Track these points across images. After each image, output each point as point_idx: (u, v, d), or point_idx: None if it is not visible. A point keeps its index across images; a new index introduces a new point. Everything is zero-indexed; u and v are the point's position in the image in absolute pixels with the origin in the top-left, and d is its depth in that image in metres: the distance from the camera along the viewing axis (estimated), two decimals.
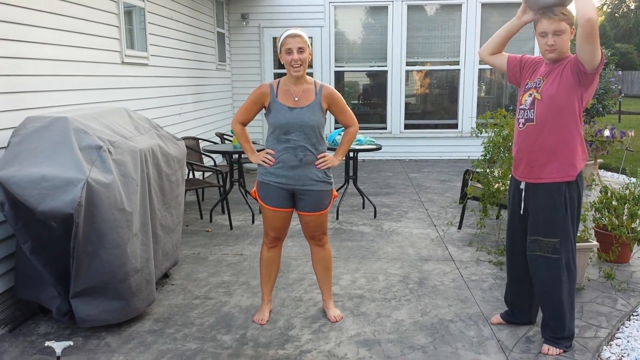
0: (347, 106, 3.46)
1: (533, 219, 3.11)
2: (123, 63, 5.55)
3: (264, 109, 3.42)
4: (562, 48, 2.96)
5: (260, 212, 6.05)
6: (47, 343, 3.05)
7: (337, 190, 3.61)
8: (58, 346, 3.03)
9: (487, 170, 5.16)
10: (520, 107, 3.14)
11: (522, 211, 3.19)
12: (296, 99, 3.31)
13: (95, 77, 4.96)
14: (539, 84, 3.05)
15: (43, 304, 3.47)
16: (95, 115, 3.64)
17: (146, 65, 6.17)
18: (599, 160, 8.01)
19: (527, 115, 3.08)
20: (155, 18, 6.45)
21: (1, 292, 3.53)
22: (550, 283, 3.08)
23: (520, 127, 3.13)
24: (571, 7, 2.97)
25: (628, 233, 4.36)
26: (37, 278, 3.39)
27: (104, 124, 3.60)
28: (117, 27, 5.41)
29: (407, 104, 10.29)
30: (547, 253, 3.06)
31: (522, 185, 3.16)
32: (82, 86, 4.71)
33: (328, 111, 3.41)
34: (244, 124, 3.50)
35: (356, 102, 10.76)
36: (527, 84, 3.14)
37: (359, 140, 6.23)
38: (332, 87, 3.42)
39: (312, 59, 9.80)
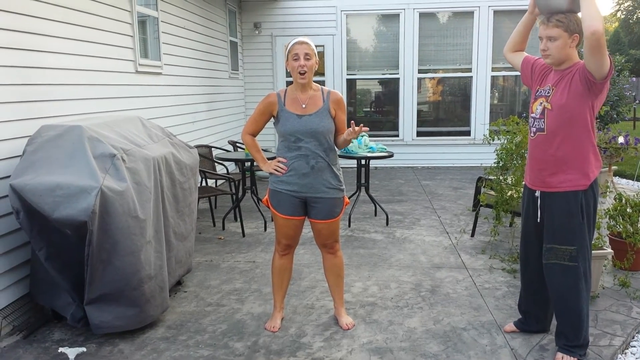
0: None
1: (549, 226, 3.08)
2: (137, 72, 5.61)
3: (272, 118, 3.44)
4: (556, 54, 2.94)
5: (272, 220, 6.07)
6: (61, 349, 3.09)
7: (349, 198, 3.61)
8: (71, 352, 3.07)
9: (500, 178, 5.13)
10: (532, 115, 3.12)
11: (538, 219, 3.16)
12: (303, 105, 3.33)
13: (109, 86, 5.02)
14: (548, 92, 3.03)
15: (58, 310, 3.51)
16: (109, 124, 3.69)
17: (160, 74, 6.23)
18: (613, 167, 7.95)
19: (538, 125, 3.06)
20: (168, 27, 6.52)
21: (16, 299, 3.58)
22: (567, 291, 3.04)
23: (532, 136, 3.12)
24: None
25: None
26: (52, 284, 3.43)
27: (117, 132, 3.64)
28: (131, 36, 5.48)
29: (419, 112, 10.28)
30: (563, 261, 3.03)
31: (538, 194, 3.14)
32: (96, 95, 4.77)
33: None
34: (254, 135, 3.50)
35: (368, 109, 10.77)
36: (538, 90, 3.12)
37: (370, 148, 6.23)
38: (338, 92, 3.43)
39: (324, 67, 9.85)
